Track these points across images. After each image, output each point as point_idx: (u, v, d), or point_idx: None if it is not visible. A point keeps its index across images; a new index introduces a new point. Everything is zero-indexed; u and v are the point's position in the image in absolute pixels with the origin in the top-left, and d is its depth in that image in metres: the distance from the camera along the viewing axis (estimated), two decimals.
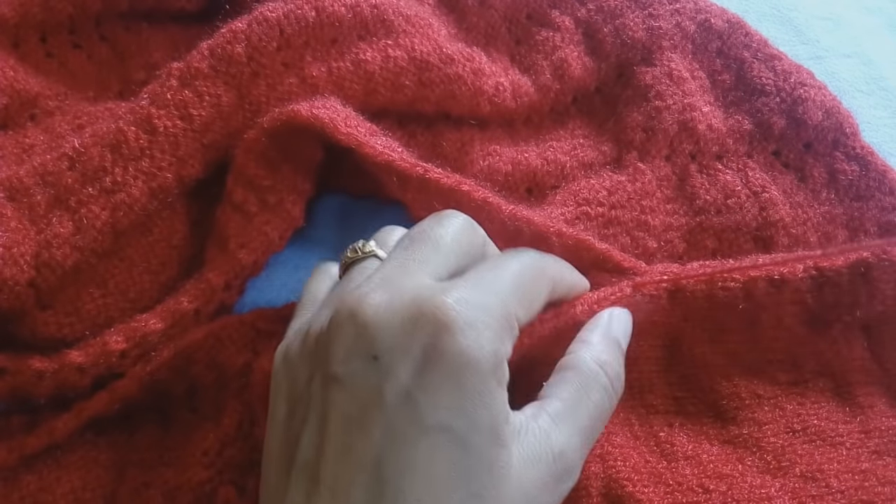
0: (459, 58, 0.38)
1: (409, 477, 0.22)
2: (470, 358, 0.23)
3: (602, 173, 0.40)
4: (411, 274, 0.25)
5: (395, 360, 0.23)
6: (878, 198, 0.39)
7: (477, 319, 0.24)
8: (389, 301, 0.24)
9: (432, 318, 0.23)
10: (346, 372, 0.24)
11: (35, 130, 0.38)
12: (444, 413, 0.23)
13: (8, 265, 0.30)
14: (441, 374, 0.23)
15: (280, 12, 0.35)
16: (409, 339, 0.23)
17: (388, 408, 0.23)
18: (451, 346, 0.23)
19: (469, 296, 0.24)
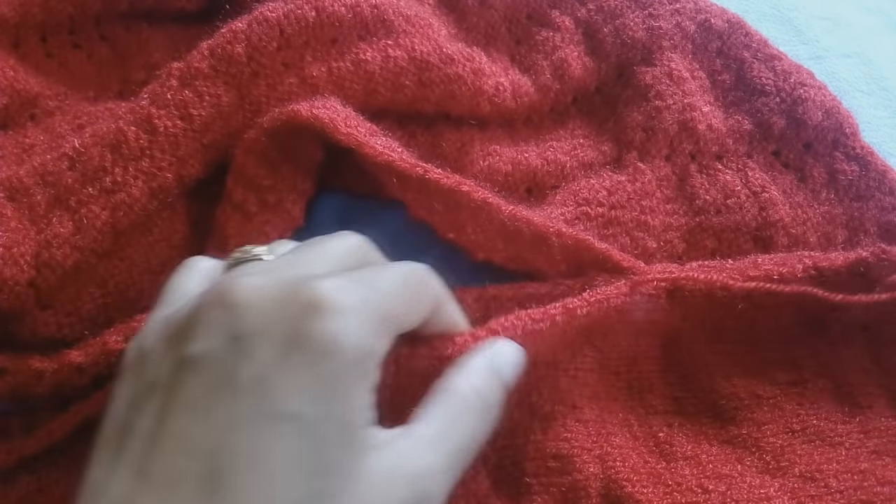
0: (459, 58, 0.38)
1: (246, 470, 0.20)
2: (336, 345, 0.22)
3: (602, 173, 0.40)
4: (296, 267, 0.24)
5: (257, 341, 0.21)
6: (878, 198, 0.39)
7: (351, 307, 0.22)
8: (264, 284, 0.23)
9: (303, 299, 0.22)
10: (202, 352, 0.22)
11: (35, 130, 0.38)
12: (297, 400, 0.21)
13: (8, 265, 0.30)
14: (302, 357, 0.21)
15: (280, 12, 0.35)
16: (276, 319, 0.22)
17: (238, 391, 0.21)
18: (318, 329, 0.21)
19: (348, 285, 0.23)
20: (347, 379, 0.22)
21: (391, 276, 0.25)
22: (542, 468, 0.31)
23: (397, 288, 0.25)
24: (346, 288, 0.23)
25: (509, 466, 0.31)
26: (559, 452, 0.31)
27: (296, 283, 0.23)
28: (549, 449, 0.31)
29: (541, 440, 0.31)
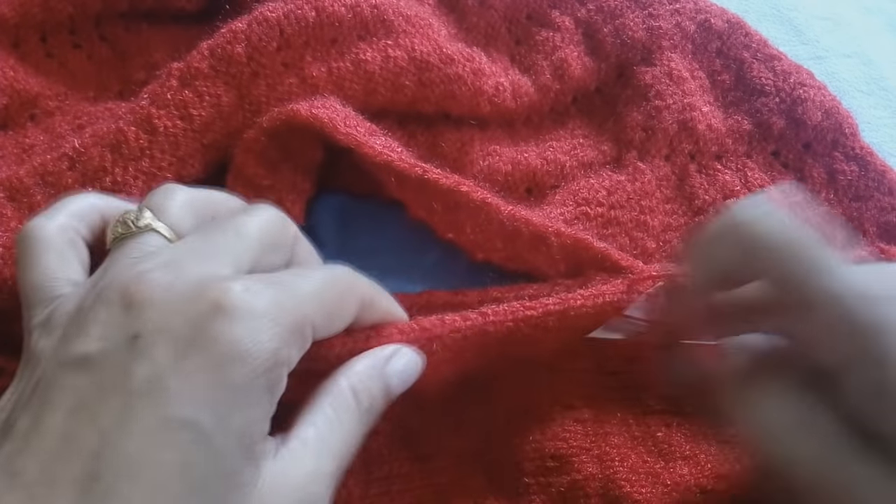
0: (459, 58, 0.38)
1: (129, 477, 0.19)
2: (241, 350, 0.20)
3: (602, 173, 0.40)
4: (205, 260, 0.22)
5: (157, 341, 0.20)
6: (878, 198, 0.39)
7: (262, 311, 0.21)
8: (172, 282, 0.21)
9: (210, 298, 0.20)
10: (98, 352, 0.20)
11: (35, 130, 0.38)
12: (192, 407, 0.19)
13: (8, 265, 0.30)
14: (203, 360, 0.20)
15: (280, 12, 0.35)
16: (179, 320, 0.20)
17: (130, 392, 0.19)
18: (223, 331, 0.20)
19: (261, 289, 0.21)
20: (250, 388, 0.21)
21: (310, 282, 0.23)
22: (541, 468, 0.31)
23: (319, 295, 0.23)
24: (258, 291, 0.21)
25: (507, 466, 0.31)
26: (557, 452, 0.31)
27: (206, 281, 0.21)
28: (547, 449, 0.31)
29: (539, 440, 0.31)
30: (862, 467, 0.22)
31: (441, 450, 0.31)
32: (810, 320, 0.23)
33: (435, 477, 0.30)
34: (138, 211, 0.25)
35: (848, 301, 0.22)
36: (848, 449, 0.23)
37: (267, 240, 0.25)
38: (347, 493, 0.29)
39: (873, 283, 0.22)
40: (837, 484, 0.23)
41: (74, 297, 0.23)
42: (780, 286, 0.24)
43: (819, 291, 0.23)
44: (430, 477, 0.30)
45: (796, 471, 0.23)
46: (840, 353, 0.22)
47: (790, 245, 0.23)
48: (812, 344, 0.23)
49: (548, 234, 0.33)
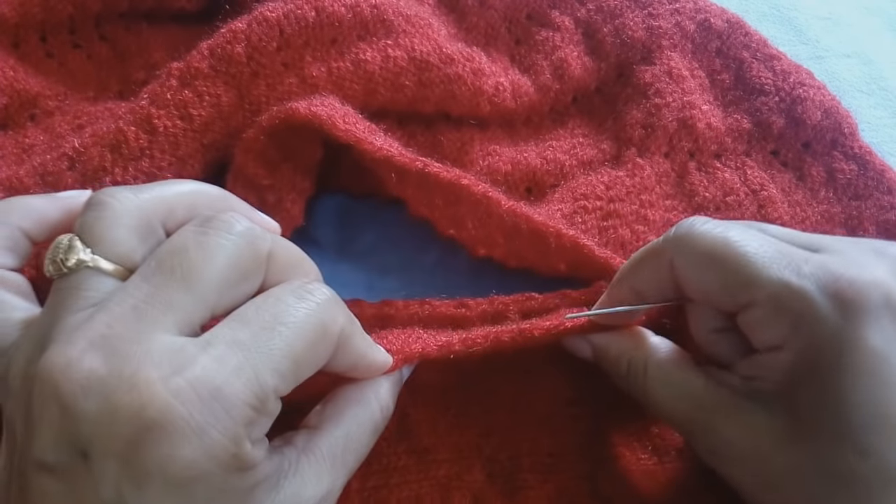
0: (459, 58, 0.38)
1: None
2: (197, 471, 0.19)
3: (601, 170, 0.40)
4: (146, 329, 0.20)
5: (108, 466, 0.19)
6: (877, 197, 0.39)
7: (210, 420, 0.19)
8: (105, 376, 0.19)
9: (153, 418, 0.19)
10: (54, 461, 0.19)
11: (35, 130, 0.38)
12: None
13: None
14: (162, 488, 0.19)
15: (280, 12, 0.35)
16: (124, 442, 0.19)
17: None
18: (175, 457, 0.19)
19: (211, 376, 0.19)
20: (224, 489, 0.20)
21: (284, 339, 0.21)
22: (538, 463, 0.31)
23: (287, 357, 0.21)
24: (206, 389, 0.19)
25: (505, 462, 0.31)
26: (555, 448, 0.31)
27: (141, 388, 0.19)
28: (544, 445, 0.31)
29: (537, 436, 0.31)
30: None
31: (439, 444, 0.31)
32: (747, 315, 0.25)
33: (433, 470, 0.30)
34: (69, 244, 0.22)
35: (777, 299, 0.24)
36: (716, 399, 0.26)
37: (231, 276, 0.22)
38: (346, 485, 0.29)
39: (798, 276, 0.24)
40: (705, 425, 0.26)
41: (21, 360, 0.21)
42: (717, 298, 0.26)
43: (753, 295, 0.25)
44: (428, 470, 0.30)
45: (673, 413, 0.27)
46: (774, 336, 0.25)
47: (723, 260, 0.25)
48: (752, 330, 0.26)
49: (548, 233, 0.33)
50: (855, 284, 0.23)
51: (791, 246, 0.26)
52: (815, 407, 0.24)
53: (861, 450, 0.23)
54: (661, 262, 0.27)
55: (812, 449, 0.24)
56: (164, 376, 0.19)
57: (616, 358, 0.29)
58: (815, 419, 0.24)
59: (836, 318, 0.23)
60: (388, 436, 0.30)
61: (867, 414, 0.23)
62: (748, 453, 0.25)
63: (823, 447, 0.23)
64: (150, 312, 0.20)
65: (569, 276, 0.34)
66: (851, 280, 0.23)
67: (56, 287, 0.22)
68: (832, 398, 0.23)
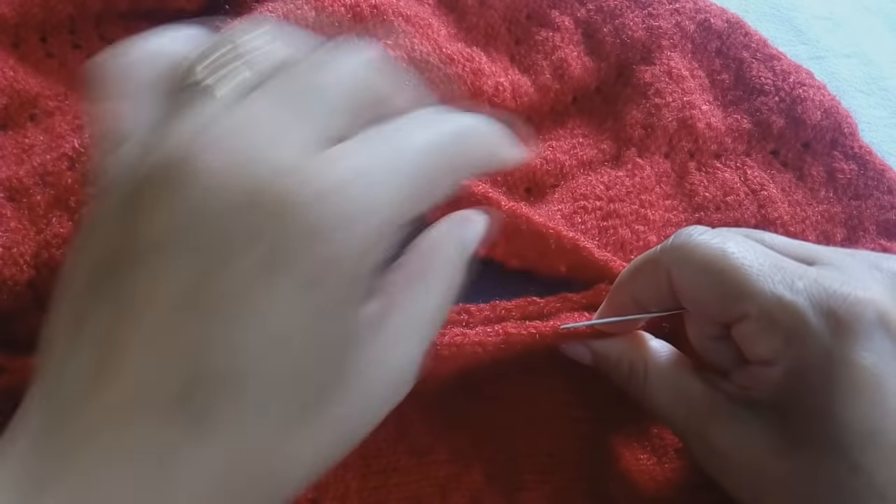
0: (459, 58, 0.39)
1: (233, 398, 0.18)
2: (327, 263, 0.18)
3: (600, 170, 0.40)
4: (277, 133, 0.19)
5: (237, 249, 0.18)
6: (877, 196, 0.39)
7: (352, 218, 0.18)
8: (235, 167, 0.18)
9: (290, 205, 0.18)
10: (173, 243, 0.18)
11: (35, 130, 0.38)
12: (287, 321, 0.18)
13: (8, 265, 0.30)
14: (291, 276, 0.18)
15: (280, 13, 0.35)
16: (257, 226, 0.18)
17: (218, 305, 0.18)
18: (311, 250, 0.18)
19: (351, 180, 0.19)
20: (340, 296, 0.19)
21: (412, 158, 0.20)
22: (537, 464, 0.31)
23: (416, 177, 0.20)
24: (348, 190, 0.18)
25: (504, 462, 0.31)
26: (553, 449, 0.31)
27: (276, 178, 0.18)
28: (543, 445, 0.31)
29: (535, 436, 0.31)
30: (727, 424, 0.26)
31: (439, 444, 0.31)
32: (742, 328, 0.26)
33: (432, 471, 0.30)
34: (200, 57, 0.21)
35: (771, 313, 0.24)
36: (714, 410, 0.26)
37: (356, 102, 0.21)
38: (345, 486, 0.29)
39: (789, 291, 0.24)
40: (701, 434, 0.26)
41: (142, 153, 0.20)
42: (713, 311, 0.26)
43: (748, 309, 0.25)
44: (427, 471, 0.30)
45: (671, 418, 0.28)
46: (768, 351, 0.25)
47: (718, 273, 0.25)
48: (746, 342, 0.26)
49: (548, 235, 0.33)
50: (848, 301, 0.23)
51: (787, 259, 0.25)
52: (807, 421, 0.24)
53: (852, 466, 0.23)
54: (658, 272, 0.27)
55: (804, 461, 0.24)
56: (307, 174, 0.18)
57: (617, 362, 0.29)
58: (806, 433, 0.24)
59: (828, 336, 0.23)
60: (387, 436, 0.30)
61: (857, 432, 0.23)
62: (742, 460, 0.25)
63: (815, 460, 0.23)
64: (279, 118, 0.19)
65: (569, 277, 0.34)
66: (845, 297, 0.23)
67: (176, 98, 0.21)
68: (823, 414, 0.23)
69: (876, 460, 0.23)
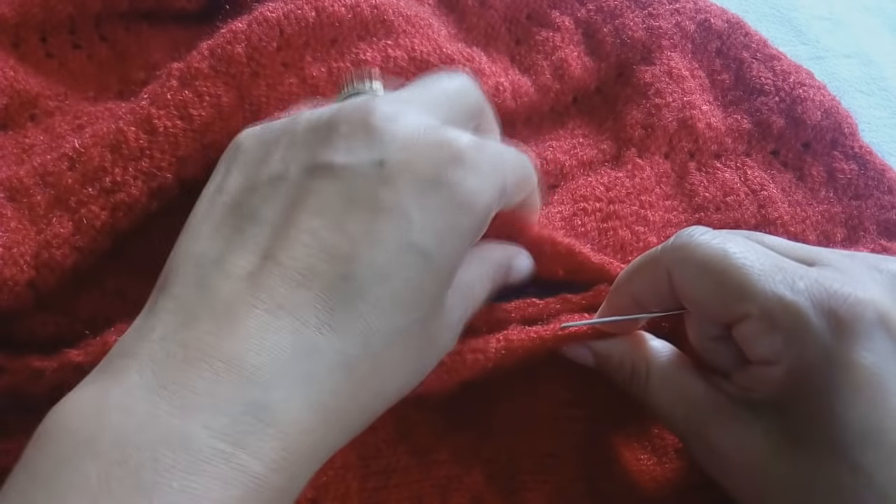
0: (459, 58, 0.39)
1: (380, 283, 0.22)
2: (472, 201, 0.23)
3: (600, 171, 0.40)
4: (427, 111, 0.25)
5: (402, 172, 0.23)
6: (877, 196, 0.39)
7: (487, 169, 0.24)
8: (405, 117, 0.24)
9: (450, 149, 0.23)
10: (345, 164, 0.23)
11: (35, 130, 0.38)
12: (431, 239, 0.22)
13: (8, 265, 0.30)
14: (442, 202, 0.23)
15: (280, 12, 0.35)
16: (422, 158, 0.23)
17: (378, 211, 0.22)
18: (462, 182, 0.23)
19: (485, 150, 0.24)
20: (468, 233, 0.24)
21: (513, 156, 0.27)
22: (537, 464, 0.31)
23: (515, 168, 0.27)
24: (484, 152, 0.24)
25: (504, 463, 0.31)
26: (554, 449, 0.31)
27: (438, 129, 0.24)
28: (543, 445, 0.31)
29: (536, 437, 0.31)
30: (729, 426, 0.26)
31: (439, 444, 0.31)
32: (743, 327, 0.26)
33: (433, 471, 0.30)
34: (372, 80, 0.29)
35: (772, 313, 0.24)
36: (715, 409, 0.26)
37: (469, 109, 0.27)
38: (345, 486, 0.29)
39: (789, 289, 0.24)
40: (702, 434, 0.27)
41: (311, 114, 0.25)
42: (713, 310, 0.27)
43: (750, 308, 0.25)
44: (427, 471, 0.30)
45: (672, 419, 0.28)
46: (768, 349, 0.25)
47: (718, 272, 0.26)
48: (747, 342, 0.26)
49: (543, 242, 0.33)
50: (848, 302, 0.23)
51: (787, 260, 0.26)
52: (808, 422, 0.24)
53: (852, 467, 0.23)
54: (658, 271, 0.28)
55: (805, 462, 0.24)
56: (456, 131, 0.24)
57: (619, 363, 0.29)
58: (807, 433, 0.24)
59: (829, 336, 0.23)
60: (388, 437, 0.30)
61: (858, 431, 0.23)
62: (743, 461, 0.25)
63: (816, 461, 0.23)
64: (428, 104, 0.26)
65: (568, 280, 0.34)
66: (845, 297, 0.23)
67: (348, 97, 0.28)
68: (824, 415, 0.23)
69: (876, 460, 0.23)
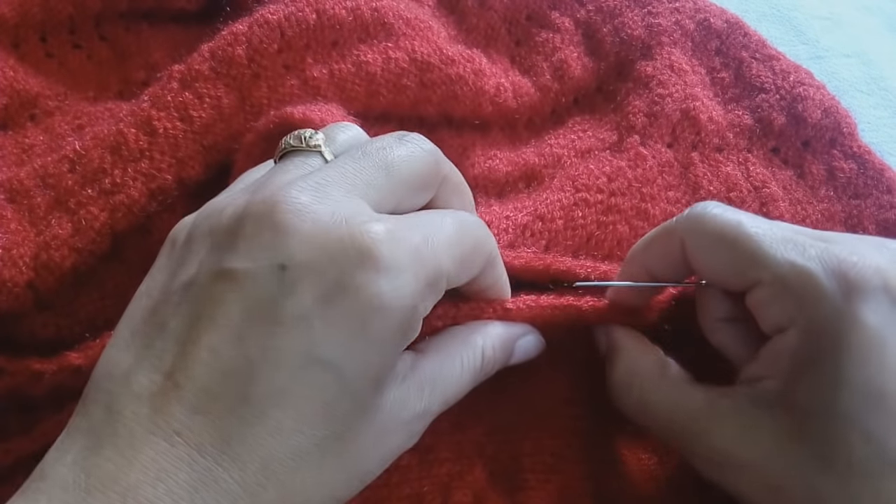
0: (460, 59, 0.38)
1: (279, 404, 0.21)
2: (384, 304, 0.21)
3: (601, 157, 0.39)
4: (351, 192, 0.23)
5: (304, 278, 0.21)
6: (876, 195, 0.39)
7: (405, 264, 0.22)
8: (317, 211, 0.22)
9: (358, 247, 0.21)
10: (246, 272, 0.21)
11: (35, 130, 0.38)
12: (337, 351, 0.21)
13: (7, 266, 0.30)
14: (349, 310, 0.21)
15: (281, 14, 0.35)
16: (326, 260, 0.21)
17: (278, 324, 0.21)
18: (370, 284, 0.21)
19: (404, 236, 0.22)
20: (387, 339, 0.22)
21: (451, 230, 0.24)
22: (539, 463, 0.31)
23: (456, 246, 0.24)
24: (402, 240, 0.22)
25: (507, 461, 0.31)
26: (556, 448, 0.31)
27: (352, 223, 0.22)
28: (546, 444, 0.31)
29: (538, 436, 0.31)
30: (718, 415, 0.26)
31: (441, 443, 0.31)
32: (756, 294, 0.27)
33: (434, 469, 0.30)
34: (314, 133, 0.26)
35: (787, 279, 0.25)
36: (697, 396, 0.27)
37: (414, 184, 0.25)
38: None
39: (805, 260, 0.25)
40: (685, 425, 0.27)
41: (236, 202, 0.23)
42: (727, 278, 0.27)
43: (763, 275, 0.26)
44: (429, 469, 0.30)
45: (650, 414, 0.28)
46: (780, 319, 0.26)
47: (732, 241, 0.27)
48: (759, 309, 0.27)
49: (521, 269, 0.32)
50: (856, 267, 0.24)
51: (800, 232, 0.27)
52: (818, 392, 0.24)
53: (864, 434, 0.23)
54: (672, 242, 0.28)
55: (814, 442, 0.24)
56: (372, 221, 0.22)
57: (610, 370, 0.30)
58: (818, 406, 0.24)
59: (838, 297, 0.24)
60: None
61: (866, 395, 0.23)
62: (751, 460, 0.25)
63: (827, 436, 0.24)
64: (355, 182, 0.24)
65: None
66: (853, 263, 0.24)
67: (284, 157, 0.26)
68: (833, 378, 0.24)
69: (885, 425, 0.23)
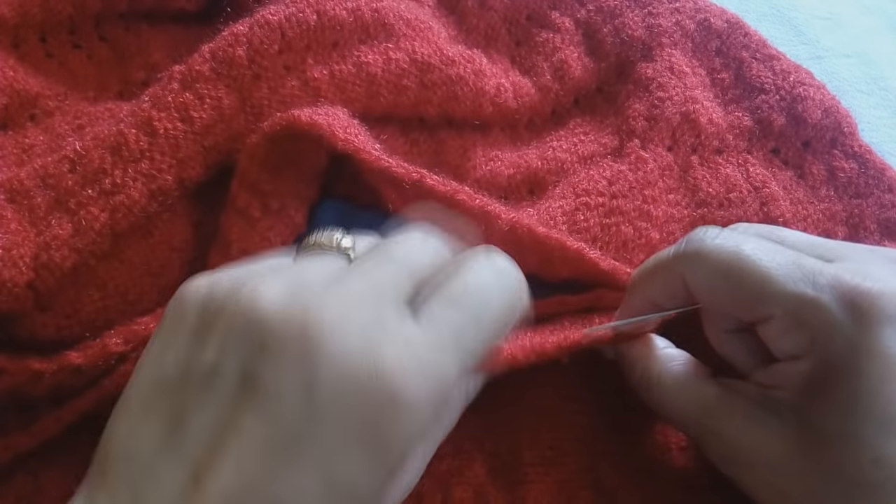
0: (460, 59, 0.38)
1: None
2: (406, 439, 0.21)
3: (602, 163, 0.39)
4: (376, 296, 0.22)
5: (330, 411, 0.20)
6: (877, 195, 0.39)
7: (427, 399, 0.21)
8: (348, 326, 0.21)
9: (385, 389, 0.20)
10: (276, 393, 0.20)
11: (35, 131, 0.38)
12: (355, 475, 0.21)
13: (7, 267, 0.30)
14: (373, 447, 0.21)
15: (281, 15, 0.35)
16: (355, 395, 0.20)
17: (301, 458, 0.20)
18: (391, 428, 0.20)
19: (435, 359, 0.21)
20: (410, 456, 0.22)
21: (487, 320, 0.23)
22: (539, 457, 0.31)
23: (486, 336, 0.23)
24: (426, 373, 0.21)
25: (506, 455, 0.31)
26: (555, 443, 0.31)
27: (368, 362, 0.20)
28: (545, 439, 0.31)
29: (537, 430, 0.31)
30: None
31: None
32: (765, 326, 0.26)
33: (434, 466, 0.30)
34: (344, 234, 0.25)
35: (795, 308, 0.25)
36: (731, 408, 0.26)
37: (425, 266, 0.24)
38: None
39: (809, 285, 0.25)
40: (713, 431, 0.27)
41: (251, 276, 0.23)
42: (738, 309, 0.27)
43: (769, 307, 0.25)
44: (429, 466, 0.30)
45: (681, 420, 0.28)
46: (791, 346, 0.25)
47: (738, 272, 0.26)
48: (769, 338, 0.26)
49: (551, 245, 0.33)
50: (870, 294, 0.24)
51: (805, 256, 0.26)
52: (830, 416, 0.24)
53: (874, 459, 0.23)
54: (672, 276, 0.28)
55: (825, 458, 0.24)
56: (398, 354, 0.21)
57: (630, 367, 0.30)
58: (829, 428, 0.24)
59: (852, 327, 0.24)
60: None
61: (881, 421, 0.23)
62: (760, 461, 0.25)
63: (837, 456, 0.24)
64: (377, 284, 0.22)
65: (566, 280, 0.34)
66: (866, 290, 0.24)
67: (312, 252, 0.25)
68: (847, 405, 0.23)
69: None
